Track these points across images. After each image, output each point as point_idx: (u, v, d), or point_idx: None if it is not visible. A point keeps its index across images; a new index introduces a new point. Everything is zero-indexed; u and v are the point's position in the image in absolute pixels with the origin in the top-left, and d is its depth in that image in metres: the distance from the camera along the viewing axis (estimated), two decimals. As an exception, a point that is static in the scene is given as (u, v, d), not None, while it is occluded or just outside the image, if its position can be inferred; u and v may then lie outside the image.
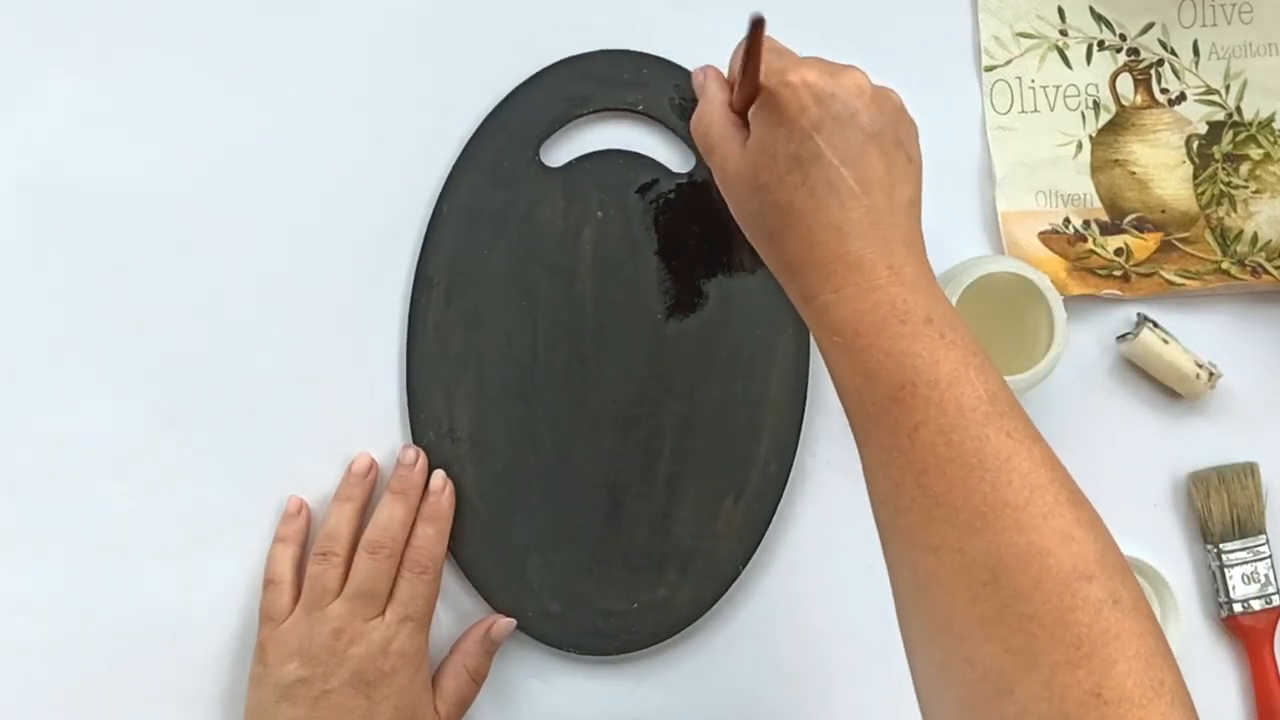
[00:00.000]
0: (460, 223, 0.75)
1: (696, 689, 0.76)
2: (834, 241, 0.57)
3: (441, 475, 0.74)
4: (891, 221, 0.58)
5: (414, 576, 0.71)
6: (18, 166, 0.75)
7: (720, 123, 0.62)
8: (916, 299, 0.56)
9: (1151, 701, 0.49)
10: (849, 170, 0.57)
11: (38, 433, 0.74)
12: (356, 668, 0.69)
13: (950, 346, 0.56)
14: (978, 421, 0.54)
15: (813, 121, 0.57)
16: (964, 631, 0.52)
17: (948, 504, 0.53)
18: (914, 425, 0.54)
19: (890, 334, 0.56)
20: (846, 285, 0.57)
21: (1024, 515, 0.52)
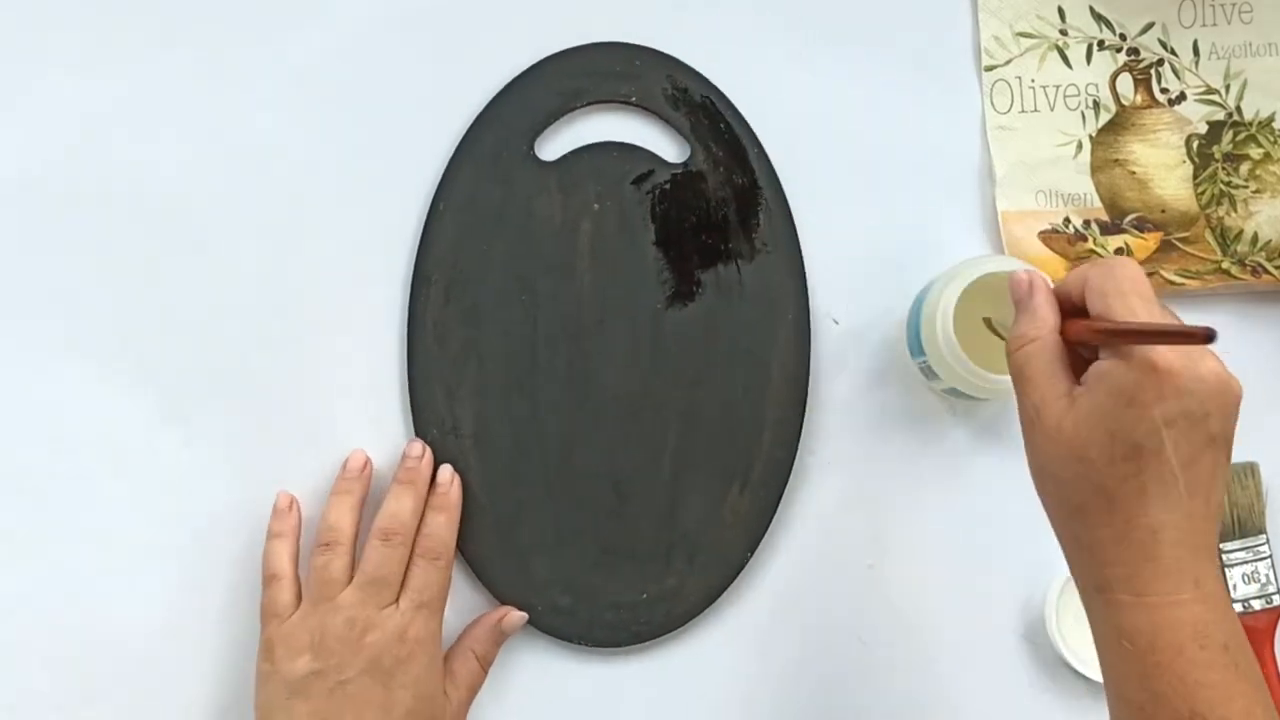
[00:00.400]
0: (457, 219, 0.75)
1: (705, 678, 0.76)
2: (1148, 543, 0.53)
3: (449, 469, 0.74)
4: (1205, 529, 0.55)
5: (427, 563, 0.71)
6: (18, 166, 0.75)
7: (1048, 357, 0.56)
8: (1216, 620, 0.54)
9: None
10: (1184, 473, 0.53)
11: (38, 433, 0.74)
12: (373, 655, 0.68)
13: (1242, 679, 0.54)
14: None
15: (1167, 415, 0.53)
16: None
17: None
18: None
19: (1188, 658, 0.53)
20: (1149, 593, 0.53)
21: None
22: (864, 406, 0.77)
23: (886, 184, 0.78)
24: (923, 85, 0.79)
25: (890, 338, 0.78)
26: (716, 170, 0.76)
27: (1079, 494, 0.54)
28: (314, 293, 0.75)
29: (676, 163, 0.77)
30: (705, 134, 0.77)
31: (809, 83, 0.78)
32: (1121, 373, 0.53)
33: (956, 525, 0.77)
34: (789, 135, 0.77)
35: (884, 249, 0.78)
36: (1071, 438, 0.54)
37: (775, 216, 0.76)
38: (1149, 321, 0.53)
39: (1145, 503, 0.53)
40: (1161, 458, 0.53)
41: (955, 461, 0.77)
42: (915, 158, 0.78)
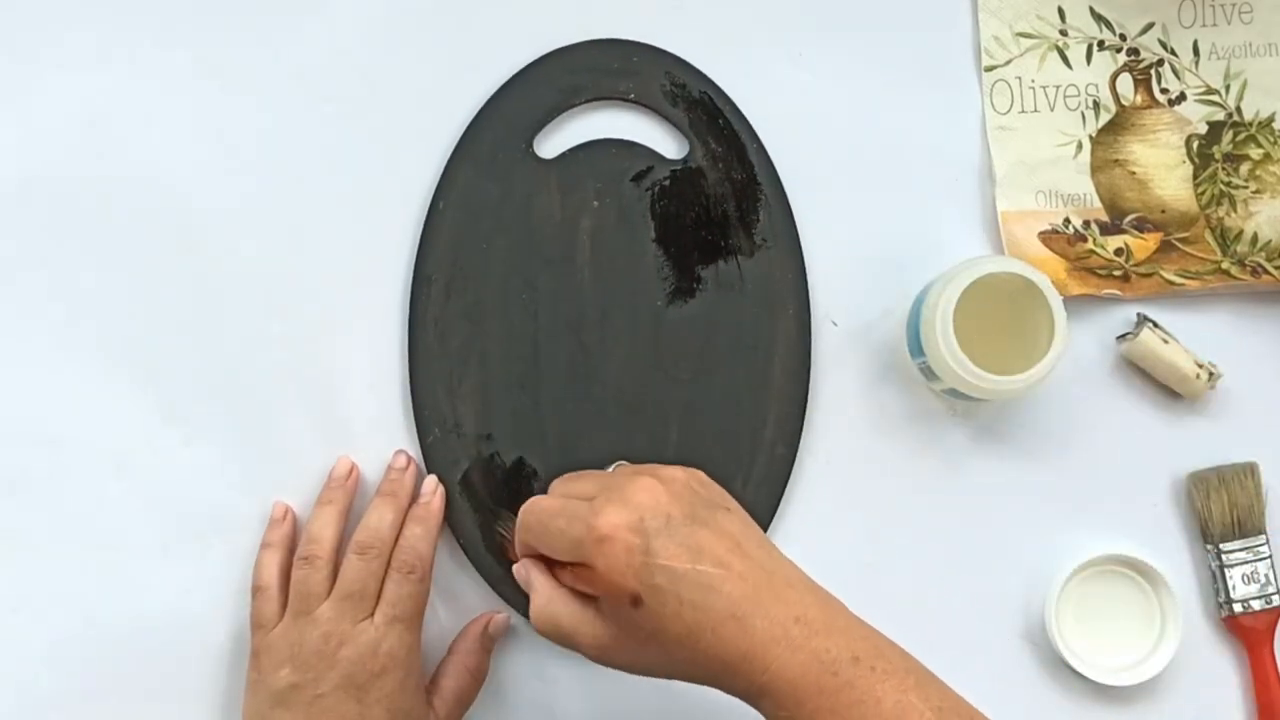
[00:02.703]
0: (457, 218, 0.75)
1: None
2: (738, 629, 0.58)
3: (433, 480, 0.74)
4: (766, 574, 0.59)
5: (401, 576, 0.71)
6: (18, 165, 0.75)
7: (564, 609, 0.62)
8: (833, 643, 0.58)
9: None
10: (702, 563, 0.58)
11: (38, 433, 0.74)
12: (347, 671, 0.68)
13: (883, 678, 0.57)
14: None
15: (640, 558, 0.58)
16: None
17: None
18: None
19: (828, 691, 0.57)
20: (769, 662, 0.57)
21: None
22: (864, 406, 0.77)
23: (886, 184, 0.78)
24: (923, 85, 0.79)
25: (890, 338, 0.78)
26: (715, 166, 0.76)
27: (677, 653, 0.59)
28: (314, 292, 0.76)
29: (675, 159, 0.77)
30: (704, 130, 0.77)
31: (808, 82, 0.78)
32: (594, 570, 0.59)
33: (956, 525, 0.77)
34: (788, 133, 0.77)
35: (884, 249, 0.78)
36: (626, 636, 0.60)
37: (775, 212, 0.76)
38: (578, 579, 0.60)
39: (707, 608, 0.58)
40: (677, 575, 0.58)
41: (955, 461, 0.77)
42: (915, 158, 0.78)
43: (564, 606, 0.62)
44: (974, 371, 0.71)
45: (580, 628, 0.61)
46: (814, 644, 0.58)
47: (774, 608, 0.58)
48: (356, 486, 0.74)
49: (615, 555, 0.58)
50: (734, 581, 0.58)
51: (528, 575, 0.64)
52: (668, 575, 0.58)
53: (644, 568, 0.58)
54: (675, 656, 0.59)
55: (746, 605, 0.58)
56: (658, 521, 0.59)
